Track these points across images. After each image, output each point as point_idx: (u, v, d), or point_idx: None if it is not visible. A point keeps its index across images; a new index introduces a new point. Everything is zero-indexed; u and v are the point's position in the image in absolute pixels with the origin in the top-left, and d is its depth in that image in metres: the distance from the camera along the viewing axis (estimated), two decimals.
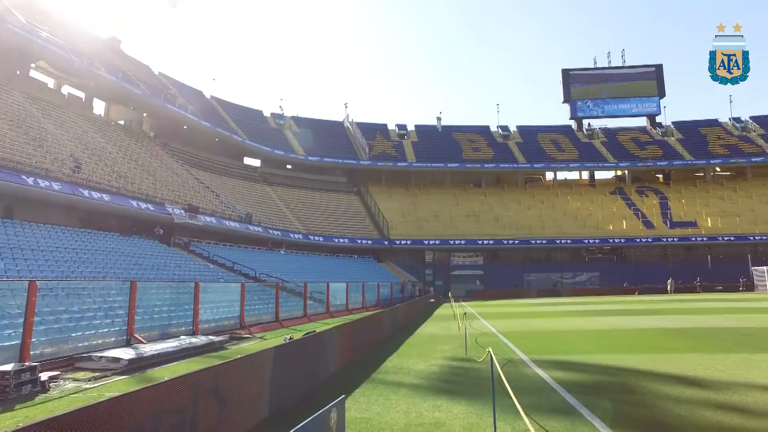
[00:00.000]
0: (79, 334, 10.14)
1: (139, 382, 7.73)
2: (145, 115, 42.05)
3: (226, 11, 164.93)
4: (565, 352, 10.45)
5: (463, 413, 5.71)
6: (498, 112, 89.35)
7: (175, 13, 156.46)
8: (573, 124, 69.91)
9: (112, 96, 37.84)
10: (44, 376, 7.41)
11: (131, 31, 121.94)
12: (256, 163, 55.61)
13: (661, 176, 64.13)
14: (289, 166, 58.22)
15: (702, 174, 62.33)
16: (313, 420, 3.24)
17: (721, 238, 49.07)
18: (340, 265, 40.84)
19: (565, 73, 70.53)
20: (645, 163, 60.99)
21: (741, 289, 43.08)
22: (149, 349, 9.96)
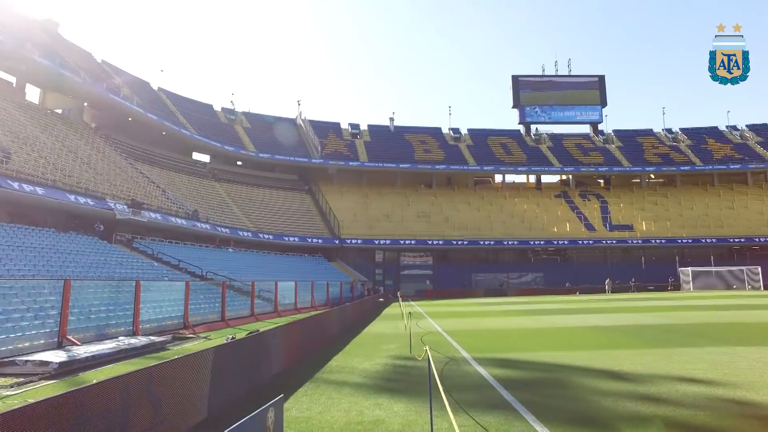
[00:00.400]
0: (2, 337, 9.56)
1: (69, 387, 7.40)
2: (86, 104, 40.03)
3: (177, 1, 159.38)
4: (506, 350, 10.83)
5: (403, 411, 5.83)
6: (450, 114, 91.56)
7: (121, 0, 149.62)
8: (521, 128, 72.13)
9: (48, 82, 35.73)
10: None
11: (70, 14, 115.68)
12: (205, 158, 54.12)
13: (602, 181, 67.27)
14: (239, 163, 57.00)
15: (638, 180, 65.93)
16: (249, 420, 3.19)
17: (653, 241, 52.10)
18: (289, 264, 40.38)
19: (515, 80, 72.64)
20: (588, 169, 63.79)
21: (669, 288, 45.96)
22: (83, 351, 9.53)
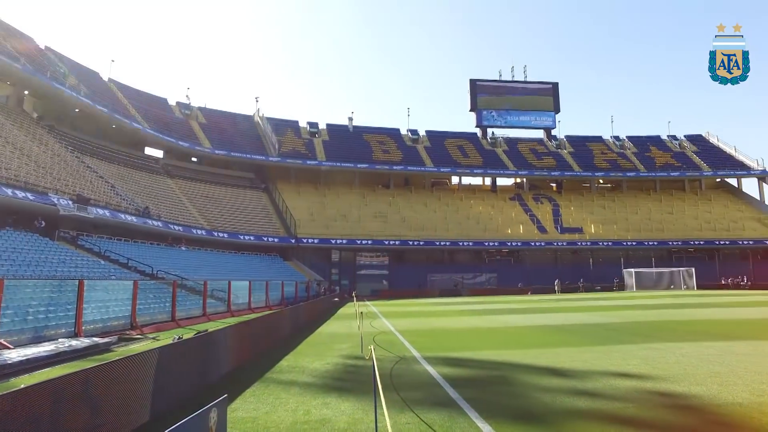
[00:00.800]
0: None
1: None
2: (26, 93, 37.94)
3: None
4: (456, 350, 11.07)
5: (351, 409, 5.91)
6: (408, 116, 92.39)
7: None
8: (478, 131, 73.56)
9: None
10: None
11: None
12: (158, 153, 52.41)
13: (554, 185, 69.52)
14: (194, 159, 55.57)
15: (588, 185, 68.54)
16: (189, 421, 3.14)
17: (601, 243, 54.32)
18: (245, 263, 39.72)
19: (473, 83, 74.02)
20: (541, 173, 65.79)
21: (614, 288, 48.07)
22: (16, 355, 9.08)
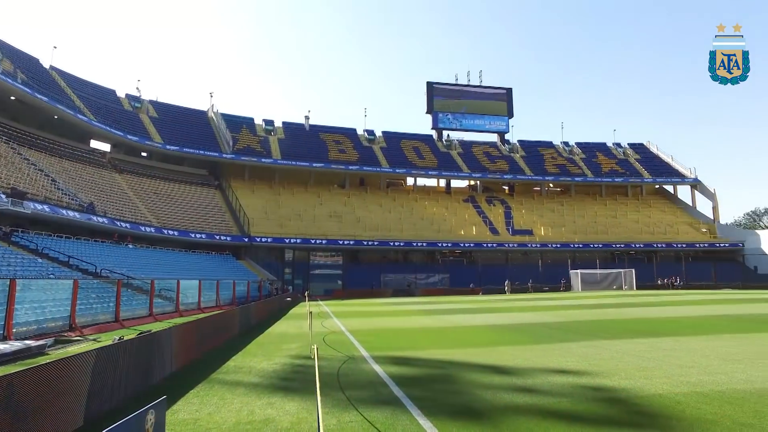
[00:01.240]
0: None
1: None
2: None
3: None
4: (404, 349, 11.24)
5: (295, 409, 5.94)
6: (365, 116, 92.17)
7: None
8: (434, 134, 74.57)
9: None
10: None
11: None
12: (105, 147, 50.25)
13: (507, 188, 71.42)
14: (144, 154, 53.65)
15: (539, 188, 70.81)
16: (123, 424, 3.05)
17: (550, 245, 56.23)
18: (196, 262, 38.69)
19: (430, 86, 74.95)
20: (494, 176, 67.40)
21: (561, 289, 49.88)
22: None
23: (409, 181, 69.34)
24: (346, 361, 9.39)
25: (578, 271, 50.44)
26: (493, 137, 76.71)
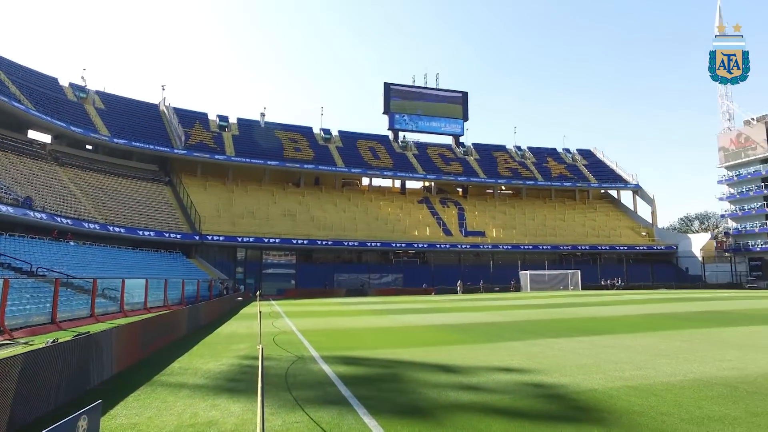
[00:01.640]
0: None
1: None
2: None
3: None
4: (354, 348, 11.28)
5: (240, 410, 5.86)
6: (322, 115, 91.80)
7: None
8: (390, 134, 74.93)
9: None
10: None
11: None
12: (45, 138, 47.57)
13: (460, 190, 72.66)
14: (89, 147, 51.21)
15: (492, 191, 72.46)
16: (52, 431, 2.95)
17: (501, 247, 57.66)
18: (143, 260, 37.27)
19: (387, 87, 75.26)
20: (448, 177, 68.45)
21: (511, 289, 51.25)
22: None
23: (365, 181, 69.43)
24: (295, 362, 9.33)
25: (527, 272, 51.98)
26: (448, 140, 77.89)
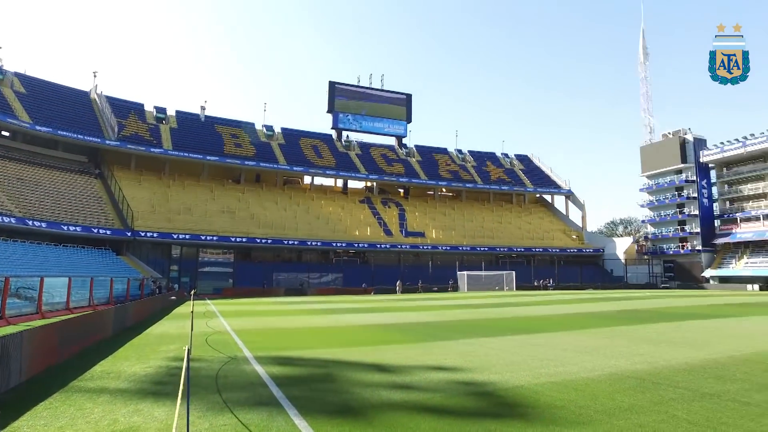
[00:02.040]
0: None
1: None
2: None
3: None
4: (289, 349, 11.12)
5: (165, 415, 5.63)
6: (265, 110, 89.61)
7: None
8: (334, 134, 74.57)
9: None
10: None
11: None
12: None
13: (402, 191, 73.43)
14: (6, 134, 47.47)
15: (432, 192, 73.74)
16: None
17: (440, 248, 58.81)
18: (67, 257, 34.94)
19: (332, 86, 74.81)
20: (390, 178, 69.00)
21: (449, 289, 52.38)
22: None
23: (307, 179, 68.71)
24: (227, 363, 9.09)
25: (465, 273, 53.31)
26: (391, 141, 78.54)
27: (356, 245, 55.14)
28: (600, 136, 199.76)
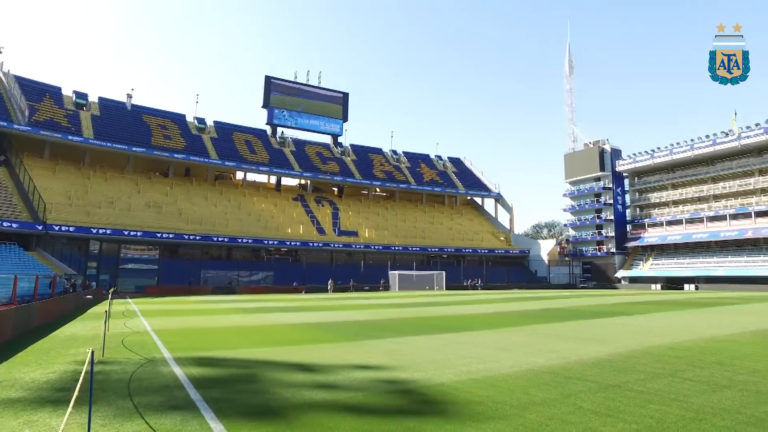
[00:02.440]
0: None
1: None
2: None
3: None
4: (213, 349, 10.73)
5: (63, 425, 5.21)
6: (197, 102, 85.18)
7: None
8: (268, 129, 72.98)
9: None
10: None
11: None
12: None
13: (336, 189, 73.10)
14: None
15: (366, 192, 73.97)
16: None
17: (373, 247, 59.11)
18: None
19: (268, 80, 73.14)
20: (325, 176, 68.49)
21: (381, 288, 52.82)
22: None
23: (239, 175, 66.78)
24: (144, 365, 8.63)
25: (396, 272, 53.96)
26: (327, 139, 77.97)
27: (288, 243, 54.25)
28: (529, 143, 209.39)
